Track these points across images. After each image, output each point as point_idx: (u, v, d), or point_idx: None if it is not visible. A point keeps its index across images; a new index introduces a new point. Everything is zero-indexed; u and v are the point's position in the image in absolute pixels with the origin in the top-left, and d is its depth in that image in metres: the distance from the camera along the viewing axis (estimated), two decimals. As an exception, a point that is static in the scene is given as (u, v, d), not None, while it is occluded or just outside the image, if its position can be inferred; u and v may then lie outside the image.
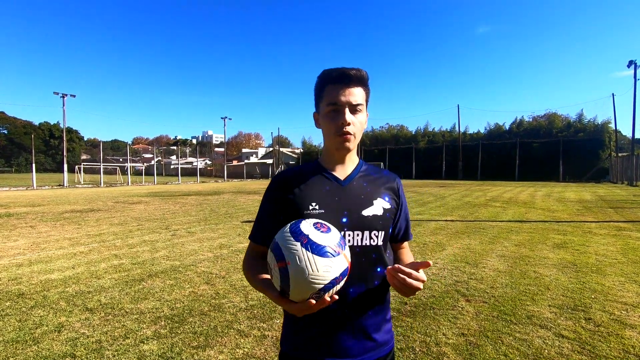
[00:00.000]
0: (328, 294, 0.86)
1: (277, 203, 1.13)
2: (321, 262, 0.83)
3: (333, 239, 0.87)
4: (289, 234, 0.88)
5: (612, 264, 5.00)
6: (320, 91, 1.11)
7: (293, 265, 0.83)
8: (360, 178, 1.15)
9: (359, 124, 1.09)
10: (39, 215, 10.24)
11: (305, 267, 0.82)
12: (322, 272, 0.83)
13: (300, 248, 0.84)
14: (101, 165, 30.84)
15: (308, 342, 1.07)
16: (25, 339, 2.89)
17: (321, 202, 1.08)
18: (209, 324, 3.17)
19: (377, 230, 1.08)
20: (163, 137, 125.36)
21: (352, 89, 1.07)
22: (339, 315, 1.03)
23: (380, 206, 1.11)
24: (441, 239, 6.79)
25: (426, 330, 3.00)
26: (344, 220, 1.07)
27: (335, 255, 0.85)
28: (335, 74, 1.07)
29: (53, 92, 27.96)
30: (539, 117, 41.58)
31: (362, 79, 1.09)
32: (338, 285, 0.87)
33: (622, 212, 10.61)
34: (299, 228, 0.88)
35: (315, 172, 1.15)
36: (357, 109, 1.08)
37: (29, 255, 5.70)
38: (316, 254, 0.83)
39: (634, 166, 24.63)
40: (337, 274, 0.85)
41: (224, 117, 44.23)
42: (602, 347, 2.70)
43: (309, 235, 0.85)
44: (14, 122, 75.80)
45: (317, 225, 0.89)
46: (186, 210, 11.73)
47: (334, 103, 1.06)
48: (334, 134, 1.08)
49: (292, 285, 0.85)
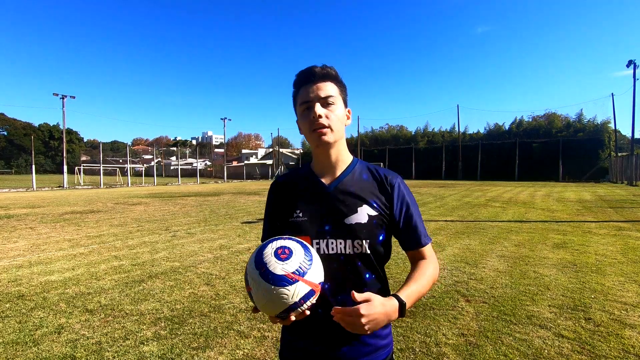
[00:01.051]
0: (293, 314, 0.90)
1: (273, 209, 1.16)
2: (277, 291, 0.87)
3: (292, 265, 0.90)
4: (253, 260, 0.93)
5: (611, 263, 5.00)
6: (295, 97, 1.12)
7: (254, 291, 0.91)
8: (348, 182, 1.11)
9: (334, 117, 1.06)
10: (39, 217, 10.24)
11: (263, 295, 0.89)
12: (278, 299, 0.87)
13: (259, 277, 0.89)
14: (101, 167, 30.85)
15: (304, 349, 1.08)
16: (25, 340, 2.89)
17: (305, 210, 1.08)
18: (209, 325, 3.17)
19: (361, 239, 1.04)
20: (163, 138, 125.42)
21: (319, 84, 1.06)
22: (331, 323, 1.00)
23: (365, 213, 1.06)
24: (441, 239, 6.79)
25: (426, 331, 3.00)
26: (326, 227, 1.05)
27: (291, 282, 0.88)
28: (303, 75, 1.09)
29: (53, 94, 28.17)
30: (539, 117, 41.63)
31: (329, 74, 1.08)
32: (304, 306, 0.91)
33: (622, 211, 10.61)
34: (262, 255, 0.92)
35: (305, 176, 1.15)
36: (328, 101, 1.06)
37: (28, 256, 5.70)
38: (272, 284, 0.87)
39: (634, 166, 24.64)
40: (296, 299, 0.88)
41: (224, 118, 44.35)
42: (602, 347, 2.70)
43: (267, 264, 0.90)
44: (13, 123, 75.82)
45: (277, 252, 0.92)
46: (186, 211, 11.73)
47: (305, 101, 1.07)
48: (309, 130, 1.07)
49: (258, 306, 0.93)
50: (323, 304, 1.01)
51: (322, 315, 1.02)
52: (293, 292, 0.87)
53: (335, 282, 1.03)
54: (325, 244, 1.05)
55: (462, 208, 11.84)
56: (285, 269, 0.88)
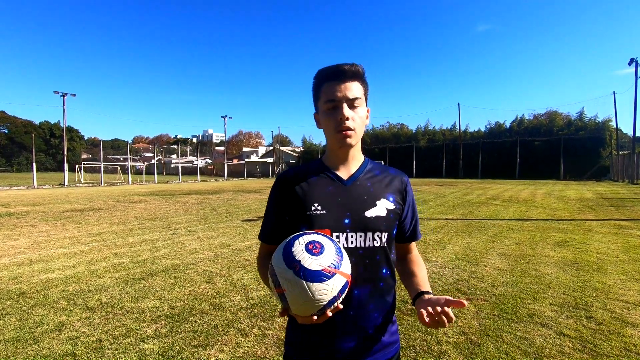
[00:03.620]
0: (330, 309, 0.88)
1: (281, 203, 1.12)
2: (316, 287, 0.84)
3: (327, 259, 0.87)
4: (281, 260, 0.88)
5: (613, 262, 4.99)
6: (317, 91, 1.10)
7: (289, 292, 0.86)
8: (364, 177, 1.12)
9: (358, 119, 1.07)
10: (40, 215, 10.25)
11: (301, 294, 0.84)
12: (319, 296, 0.84)
13: (294, 276, 0.84)
14: (101, 165, 30.84)
15: (312, 344, 1.06)
16: (26, 337, 2.89)
17: (324, 203, 1.07)
18: (210, 322, 3.16)
19: (381, 231, 1.06)
20: (163, 136, 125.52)
21: (347, 83, 1.05)
22: (344, 317, 1.02)
23: (384, 207, 1.08)
24: (442, 237, 6.79)
25: (427, 329, 2.99)
26: (346, 221, 1.05)
27: (330, 277, 0.85)
28: (330, 71, 1.06)
29: (53, 91, 28.22)
30: (540, 116, 41.47)
31: (358, 73, 1.07)
32: (339, 300, 0.89)
33: (623, 210, 10.59)
34: (291, 252, 0.88)
35: (318, 171, 1.13)
36: (355, 104, 1.06)
37: (29, 254, 5.70)
38: (310, 281, 0.84)
39: (635, 164, 24.57)
40: (335, 293, 0.86)
41: (225, 116, 44.60)
42: (603, 346, 2.69)
43: (301, 262, 0.85)
44: (14, 121, 75.87)
45: (309, 247, 0.88)
46: (187, 209, 11.73)
47: (331, 100, 1.05)
48: (333, 131, 1.06)
49: (292, 308, 0.88)
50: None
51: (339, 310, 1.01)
52: (332, 287, 0.85)
53: (353, 275, 1.03)
54: (345, 237, 1.04)
55: (463, 206, 11.83)
56: (322, 263, 0.86)
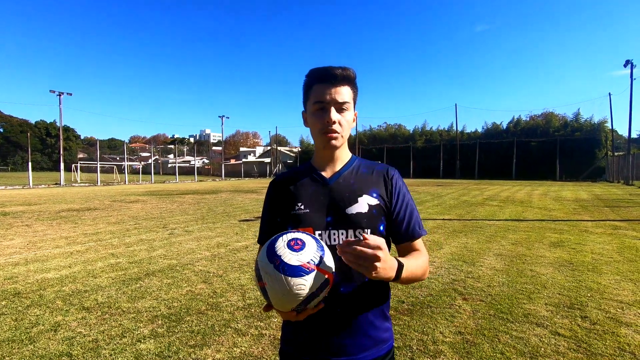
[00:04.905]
0: (309, 306, 0.91)
1: (273, 205, 1.17)
2: (294, 282, 0.87)
3: (306, 255, 0.90)
4: (265, 255, 0.92)
5: (608, 262, 5.03)
6: (307, 90, 1.12)
7: (269, 286, 0.89)
8: (348, 175, 1.14)
9: (345, 123, 1.09)
10: (36, 214, 10.19)
11: (280, 288, 0.88)
12: (296, 290, 0.87)
13: (274, 270, 0.88)
14: (98, 164, 30.71)
15: (306, 341, 1.08)
16: (22, 338, 2.88)
17: (307, 202, 1.10)
18: (207, 322, 3.16)
19: (362, 228, 1.07)
20: (160, 136, 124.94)
21: (338, 87, 1.06)
22: (333, 314, 1.04)
23: (366, 203, 1.09)
24: (438, 237, 6.81)
25: (423, 329, 3.01)
26: (328, 219, 1.07)
27: (308, 272, 0.88)
28: (322, 73, 1.07)
29: (49, 90, 27.94)
30: (536, 117, 41.74)
31: (349, 77, 1.09)
32: (320, 297, 0.91)
33: (618, 211, 10.67)
34: (274, 248, 0.92)
35: (306, 172, 1.17)
36: (343, 107, 1.07)
37: (25, 254, 5.67)
38: (289, 275, 0.87)
39: (630, 165, 24.76)
40: (314, 289, 0.88)
41: (222, 116, 44.53)
42: (597, 345, 2.71)
43: (282, 257, 0.89)
44: (10, 120, 75.29)
45: (290, 244, 0.92)
46: (183, 209, 11.70)
47: (320, 101, 1.07)
48: (319, 132, 1.08)
49: (272, 302, 0.92)
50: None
51: (325, 307, 1.02)
52: (310, 282, 0.88)
53: (338, 273, 1.04)
54: (328, 235, 1.07)
55: (459, 207, 11.87)
56: (301, 259, 0.88)
